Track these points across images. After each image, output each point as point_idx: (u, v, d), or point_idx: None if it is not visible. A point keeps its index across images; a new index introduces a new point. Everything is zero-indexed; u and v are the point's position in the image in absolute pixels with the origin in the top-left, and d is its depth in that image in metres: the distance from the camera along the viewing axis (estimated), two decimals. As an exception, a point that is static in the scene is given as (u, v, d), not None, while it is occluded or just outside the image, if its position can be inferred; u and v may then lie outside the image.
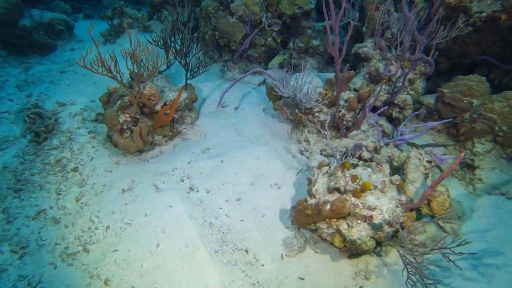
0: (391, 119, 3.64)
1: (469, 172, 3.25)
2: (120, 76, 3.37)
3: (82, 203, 3.24)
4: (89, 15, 7.71)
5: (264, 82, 4.55)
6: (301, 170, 3.37)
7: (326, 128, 3.42)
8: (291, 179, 3.34)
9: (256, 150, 3.55)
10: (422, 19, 3.54)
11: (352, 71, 3.40)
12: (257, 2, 4.39)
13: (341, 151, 2.78)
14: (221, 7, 4.66)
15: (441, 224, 2.87)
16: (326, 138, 3.48)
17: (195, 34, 5.03)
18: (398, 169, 3.04)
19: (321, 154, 3.47)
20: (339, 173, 2.64)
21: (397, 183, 2.65)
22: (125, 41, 5.52)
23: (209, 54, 5.06)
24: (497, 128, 3.05)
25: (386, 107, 3.29)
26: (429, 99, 3.65)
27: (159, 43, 3.94)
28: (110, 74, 3.22)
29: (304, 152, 3.58)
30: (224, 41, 4.67)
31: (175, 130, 3.82)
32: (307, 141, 3.57)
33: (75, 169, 3.52)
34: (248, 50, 4.66)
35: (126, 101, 3.40)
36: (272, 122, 3.92)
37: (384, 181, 2.66)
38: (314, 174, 2.86)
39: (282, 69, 4.86)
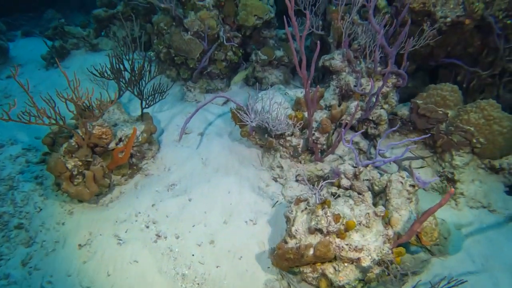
0: (366, 135, 3.47)
1: (450, 185, 3.15)
2: (62, 118, 2.94)
3: (31, 267, 2.81)
4: (29, 32, 6.99)
5: (228, 101, 4.25)
6: (276, 202, 3.12)
7: (300, 151, 3.20)
8: (267, 212, 3.09)
9: (226, 182, 3.26)
10: (389, 27, 3.39)
11: (322, 89, 3.18)
12: (212, 15, 4.06)
13: (317, 189, 2.55)
14: (174, 23, 4.28)
15: (428, 247, 2.73)
16: (300, 163, 3.26)
17: (149, 53, 4.63)
18: (379, 193, 2.87)
19: (297, 180, 3.24)
20: (320, 212, 2.42)
21: (382, 214, 2.47)
22: (71, 63, 5.02)
23: (165, 73, 4.68)
24: (474, 141, 2.95)
25: (362, 131, 3.13)
26: (403, 110, 3.52)
27: (106, 73, 3.51)
28: (48, 122, 2.78)
29: (278, 179, 3.34)
30: (181, 59, 4.31)
31: (134, 167, 3.44)
32: (280, 167, 3.33)
33: (19, 226, 3.06)
34: (208, 67, 4.33)
35: (73, 144, 2.98)
36: (240, 147, 3.64)
37: (368, 213, 2.47)
38: (292, 211, 2.62)
39: (246, 84, 4.60)
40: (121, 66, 3.53)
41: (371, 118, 3.28)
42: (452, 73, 4.10)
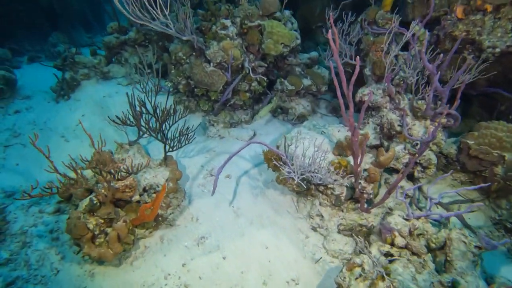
0: (410, 177, 3.19)
1: (508, 236, 2.86)
2: (84, 180, 2.67)
3: None
4: (34, 57, 6.75)
5: (255, 135, 3.97)
6: (320, 259, 2.83)
7: (343, 200, 2.92)
8: (310, 270, 2.80)
9: (262, 235, 2.98)
10: (430, 56, 3.12)
11: (367, 132, 2.90)
12: (236, 44, 3.80)
13: (374, 256, 2.26)
14: (193, 53, 4.02)
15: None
16: (342, 211, 2.98)
17: (166, 83, 4.36)
18: (434, 250, 2.58)
19: (339, 232, 2.95)
20: (381, 285, 2.13)
21: (449, 285, 2.18)
22: (82, 95, 4.76)
23: (184, 104, 4.41)
24: (541, 189, 2.67)
25: (419, 185, 2.86)
26: (450, 149, 3.23)
27: (129, 120, 3.25)
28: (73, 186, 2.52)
29: (318, 229, 3.05)
30: (202, 91, 4.05)
31: (159, 218, 3.16)
32: (320, 215, 3.04)
33: (36, 293, 2.77)
34: (231, 99, 4.06)
35: (95, 202, 2.70)
36: (273, 192, 3.36)
37: (433, 284, 2.18)
38: (344, 278, 2.33)
39: (271, 114, 4.33)
40: (141, 109, 3.25)
41: (418, 161, 3.00)
42: (492, 102, 3.84)
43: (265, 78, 4.12)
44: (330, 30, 2.11)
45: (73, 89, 4.80)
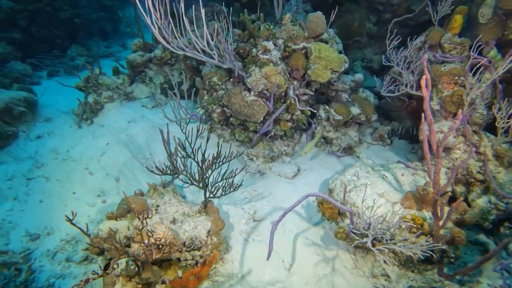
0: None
1: None
2: (122, 247, 2.32)
3: None
4: (53, 72, 6.47)
5: (299, 171, 3.57)
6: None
7: (415, 262, 2.50)
8: None
9: (320, 299, 2.59)
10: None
11: (448, 191, 2.48)
12: (279, 71, 3.41)
13: None
14: (230, 78, 3.64)
15: None
16: (412, 272, 2.56)
17: (198, 110, 4.00)
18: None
19: (411, 297, 2.54)
20: None
21: None
22: (105, 120, 4.44)
23: (216, 132, 4.04)
24: None
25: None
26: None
27: (170, 170, 2.89)
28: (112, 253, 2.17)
29: (383, 291, 2.65)
30: (239, 121, 3.67)
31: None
32: (386, 275, 2.63)
33: None
34: (271, 130, 3.66)
35: (132, 267, 2.35)
36: (326, 242, 2.96)
37: None
38: None
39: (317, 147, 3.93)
40: (177, 149, 2.88)
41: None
42: None
43: (309, 107, 3.72)
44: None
45: (96, 113, 4.48)
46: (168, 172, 2.84)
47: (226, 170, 2.92)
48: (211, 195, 2.88)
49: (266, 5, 6.94)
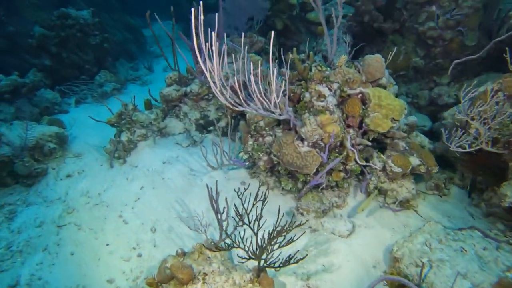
0: None
1: None
2: None
3: None
4: (81, 99, 6.34)
5: (353, 228, 3.23)
6: None
7: None
8: None
9: None
10: None
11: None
12: (336, 119, 3.11)
13: None
14: (278, 124, 3.36)
15: None
16: None
17: (241, 156, 3.72)
18: None
19: None
20: None
21: None
22: (139, 160, 4.20)
23: (259, 178, 3.75)
24: None
25: None
26: None
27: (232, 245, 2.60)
28: None
29: None
30: (287, 170, 3.37)
31: None
32: None
33: None
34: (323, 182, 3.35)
35: None
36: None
37: None
38: None
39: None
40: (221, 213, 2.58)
41: None
42: None
43: (363, 157, 3.40)
44: None
45: (129, 152, 4.25)
46: (223, 246, 2.53)
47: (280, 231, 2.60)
48: (265, 265, 2.57)
49: (301, 32, 6.73)
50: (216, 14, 5.61)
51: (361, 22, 5.15)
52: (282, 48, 6.50)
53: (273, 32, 5.72)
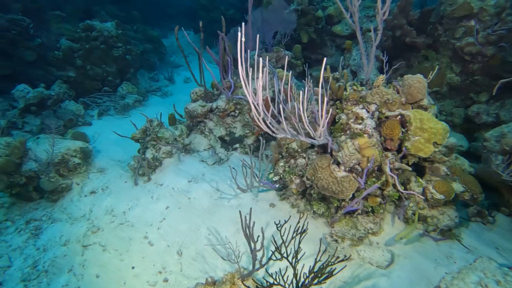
0: None
1: None
2: None
3: None
4: (104, 111, 6.37)
5: (392, 258, 3.06)
6: None
7: None
8: None
9: None
10: None
11: None
12: (374, 142, 2.96)
13: None
14: (313, 146, 3.24)
15: None
16: None
17: (271, 177, 3.60)
18: None
19: None
20: None
21: None
22: (164, 178, 4.13)
23: (288, 200, 3.62)
24: None
25: None
26: None
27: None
28: None
29: None
30: (321, 194, 3.23)
31: None
32: None
33: None
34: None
35: None
36: None
37: None
38: None
39: (401, 218, 3.40)
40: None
41: None
42: None
43: (401, 182, 3.23)
44: None
45: (154, 169, 4.19)
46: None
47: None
48: (303, 301, 2.42)
49: (326, 45, 6.62)
50: (243, 27, 5.59)
51: (392, 37, 5.00)
52: (307, 62, 6.42)
53: (299, 46, 5.65)
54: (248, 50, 4.59)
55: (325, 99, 2.52)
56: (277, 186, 3.57)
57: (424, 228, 3.23)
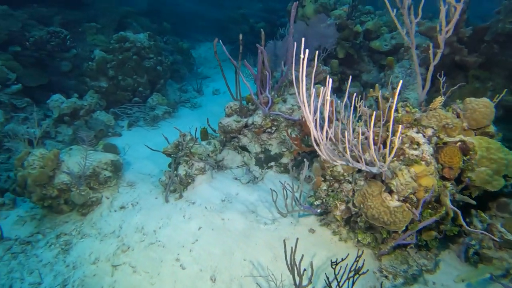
0: None
1: None
2: None
3: None
4: (133, 122, 6.38)
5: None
6: None
7: None
8: None
9: None
10: None
11: None
12: (432, 171, 2.72)
13: None
14: (360, 170, 3.03)
15: None
16: None
17: (310, 200, 3.40)
18: None
19: None
20: None
21: None
22: (196, 196, 4.01)
23: (330, 227, 3.40)
24: None
25: None
26: None
27: None
28: None
29: None
30: (368, 223, 3.00)
31: None
32: None
33: None
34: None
35: None
36: None
37: None
38: None
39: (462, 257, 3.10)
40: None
41: None
42: None
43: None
44: None
45: (186, 186, 4.07)
46: None
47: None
48: None
49: (363, 61, 6.43)
50: (278, 42, 5.49)
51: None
52: (342, 78, 6.23)
53: (336, 61, 5.49)
54: (282, 64, 4.47)
55: (399, 127, 2.32)
56: (318, 211, 3.36)
57: (490, 272, 2.91)
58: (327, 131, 2.25)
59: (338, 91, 6.18)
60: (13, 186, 3.88)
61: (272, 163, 4.29)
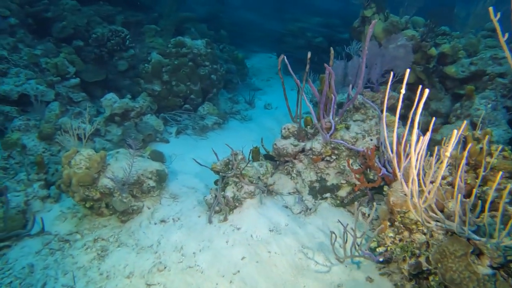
0: None
1: None
2: None
3: None
4: (182, 130, 6.40)
5: None
6: None
7: None
8: None
9: None
10: None
11: None
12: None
13: None
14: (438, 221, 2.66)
15: None
16: None
17: (375, 247, 3.07)
18: None
19: None
20: None
21: None
22: (242, 221, 3.84)
23: (391, 277, 3.02)
24: None
25: None
26: None
27: None
28: None
29: None
30: (443, 285, 2.60)
31: None
32: None
33: None
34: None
35: None
36: None
37: None
38: None
39: None
40: None
41: None
42: None
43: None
44: None
45: (232, 209, 3.89)
46: None
47: None
48: None
49: (435, 87, 5.98)
50: (342, 62, 5.23)
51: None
52: (407, 104, 5.80)
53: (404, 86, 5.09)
54: (350, 87, 4.20)
55: (497, 176, 1.97)
56: (381, 260, 3.01)
57: None
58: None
59: (403, 119, 5.77)
60: (59, 182, 3.94)
61: (328, 195, 3.99)
